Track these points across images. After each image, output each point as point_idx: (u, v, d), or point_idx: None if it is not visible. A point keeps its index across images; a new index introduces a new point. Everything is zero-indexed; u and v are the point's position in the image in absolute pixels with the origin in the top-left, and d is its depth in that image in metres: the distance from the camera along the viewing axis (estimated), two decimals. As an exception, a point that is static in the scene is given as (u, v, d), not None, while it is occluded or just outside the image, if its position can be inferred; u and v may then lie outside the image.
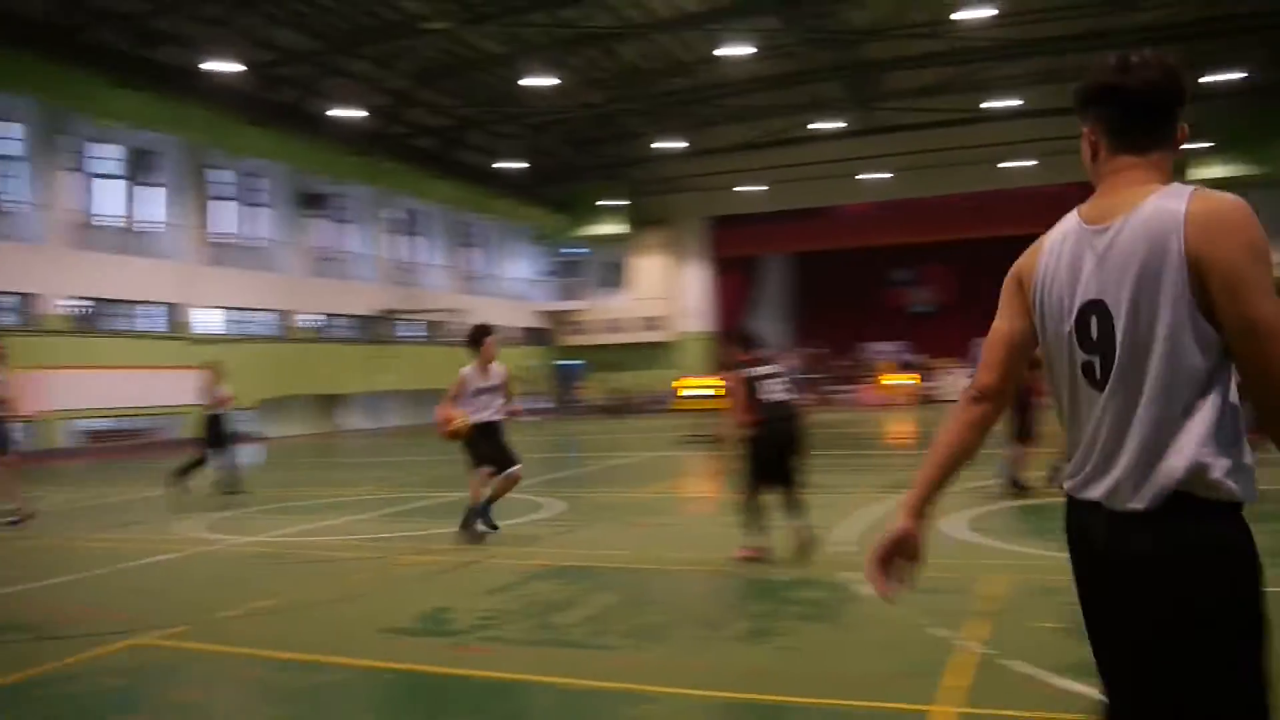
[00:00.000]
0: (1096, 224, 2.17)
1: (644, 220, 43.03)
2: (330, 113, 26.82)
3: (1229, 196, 2.04)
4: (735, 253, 43.50)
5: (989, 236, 40.95)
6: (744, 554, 7.67)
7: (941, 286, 44.96)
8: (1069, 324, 2.18)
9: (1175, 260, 1.99)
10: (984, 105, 34.22)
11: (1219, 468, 1.96)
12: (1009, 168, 37.73)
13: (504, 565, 7.97)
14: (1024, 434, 10.79)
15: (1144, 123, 2.21)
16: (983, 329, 2.51)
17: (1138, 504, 2.02)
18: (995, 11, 25.11)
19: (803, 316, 47.08)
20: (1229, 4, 27.42)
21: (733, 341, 8.37)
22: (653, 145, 36.16)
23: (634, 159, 39.83)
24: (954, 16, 26.59)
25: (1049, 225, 2.36)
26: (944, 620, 5.60)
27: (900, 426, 25.85)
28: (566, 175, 40.64)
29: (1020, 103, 33.27)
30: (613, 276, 45.05)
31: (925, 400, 36.55)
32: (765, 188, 40.02)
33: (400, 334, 36.19)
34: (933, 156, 37.43)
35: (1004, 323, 2.39)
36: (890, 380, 38.37)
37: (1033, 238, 2.42)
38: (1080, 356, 2.16)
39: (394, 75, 28.79)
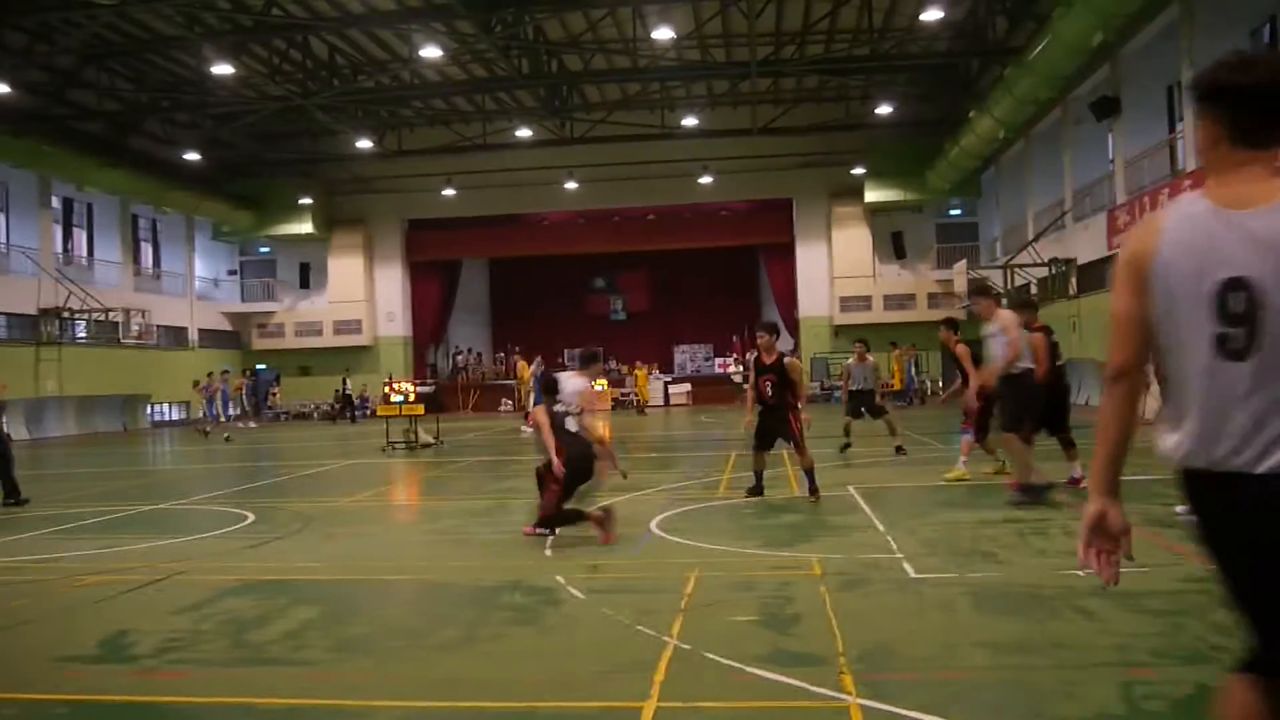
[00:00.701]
0: (1239, 208, 2.32)
1: (338, 220, 41.70)
2: (-24, 87, 24.12)
3: None
4: (434, 256, 42.99)
5: (680, 248, 43.02)
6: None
7: (638, 295, 46.51)
8: (1206, 296, 2.32)
9: None
10: (670, 123, 35.79)
11: None
12: (694, 183, 39.58)
13: (193, 582, 7.48)
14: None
15: (1264, 120, 2.38)
16: (677, 336, 2.60)
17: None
18: (673, 35, 26.36)
19: (502, 322, 47.35)
20: (889, 44, 30.08)
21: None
22: (347, 144, 35.18)
23: (327, 156, 38.48)
24: (641, 35, 27.73)
25: (734, 240, 2.48)
26: (650, 619, 5.79)
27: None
28: (252, 170, 38.71)
29: (696, 122, 35.00)
30: (307, 278, 43.28)
31: (623, 407, 37.57)
32: (463, 192, 39.88)
33: (67, 335, 32.85)
34: (627, 169, 38.68)
35: (1125, 302, 2.49)
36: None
37: (722, 251, 2.54)
38: (1216, 329, 2.32)
39: (57, 51, 26.30)
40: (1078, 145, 29.32)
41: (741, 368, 36.03)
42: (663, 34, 25.89)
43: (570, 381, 8.84)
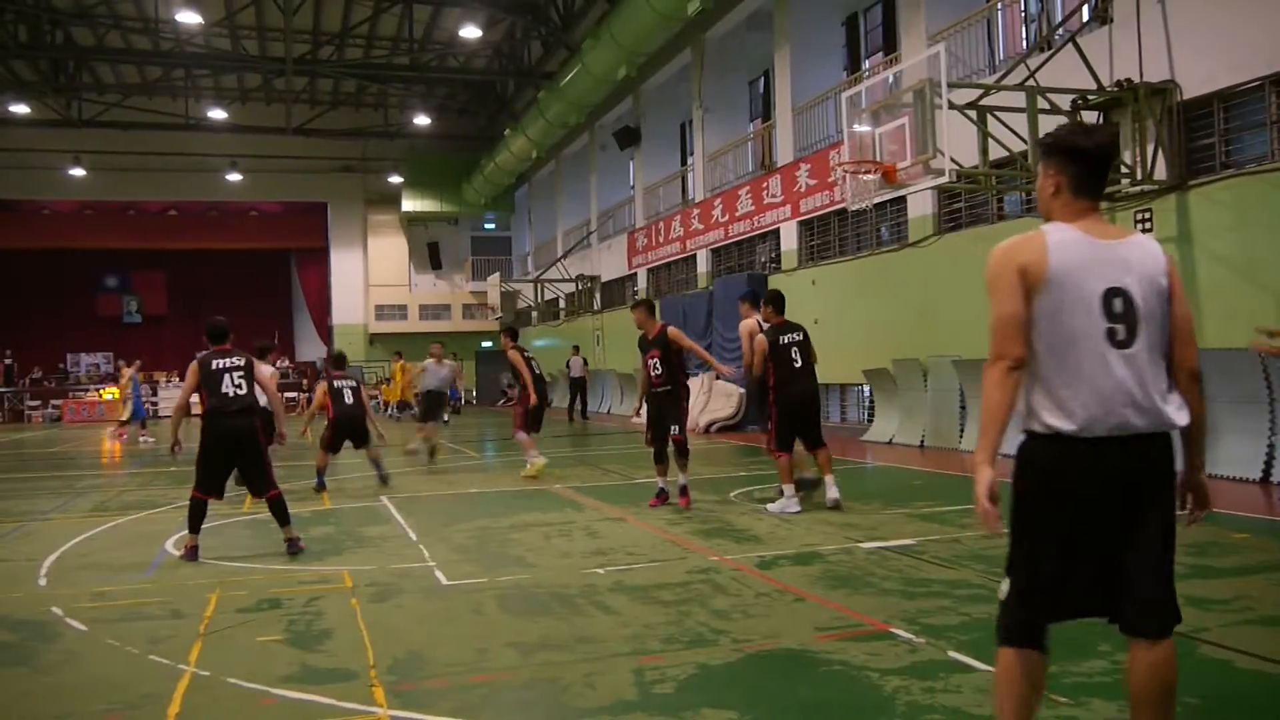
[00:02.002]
0: (1103, 239, 3.00)
1: None
2: None
3: None
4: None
5: (205, 248, 40.31)
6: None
7: (155, 296, 42.68)
8: (1096, 301, 2.93)
9: (1165, 273, 3.00)
10: (196, 114, 33.59)
11: (1177, 414, 3.01)
12: (221, 180, 37.41)
13: None
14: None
15: (1096, 175, 3.07)
16: (197, 341, 2.46)
17: (1163, 428, 2.96)
18: (200, 20, 24.80)
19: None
20: (429, 56, 30.33)
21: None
22: None
23: None
24: (165, 16, 25.75)
25: (265, 242, 2.41)
26: (166, 647, 5.34)
27: (109, 444, 24.05)
28: None
29: (225, 115, 33.20)
30: None
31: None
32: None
33: None
34: (145, 159, 35.70)
35: (1018, 306, 2.97)
36: (109, 394, 35.30)
37: (252, 253, 2.45)
38: (1106, 325, 2.92)
39: None
40: (603, 170, 31.35)
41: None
42: (189, 18, 24.14)
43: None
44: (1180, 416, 3.00)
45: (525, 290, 35.20)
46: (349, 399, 12.30)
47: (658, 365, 9.61)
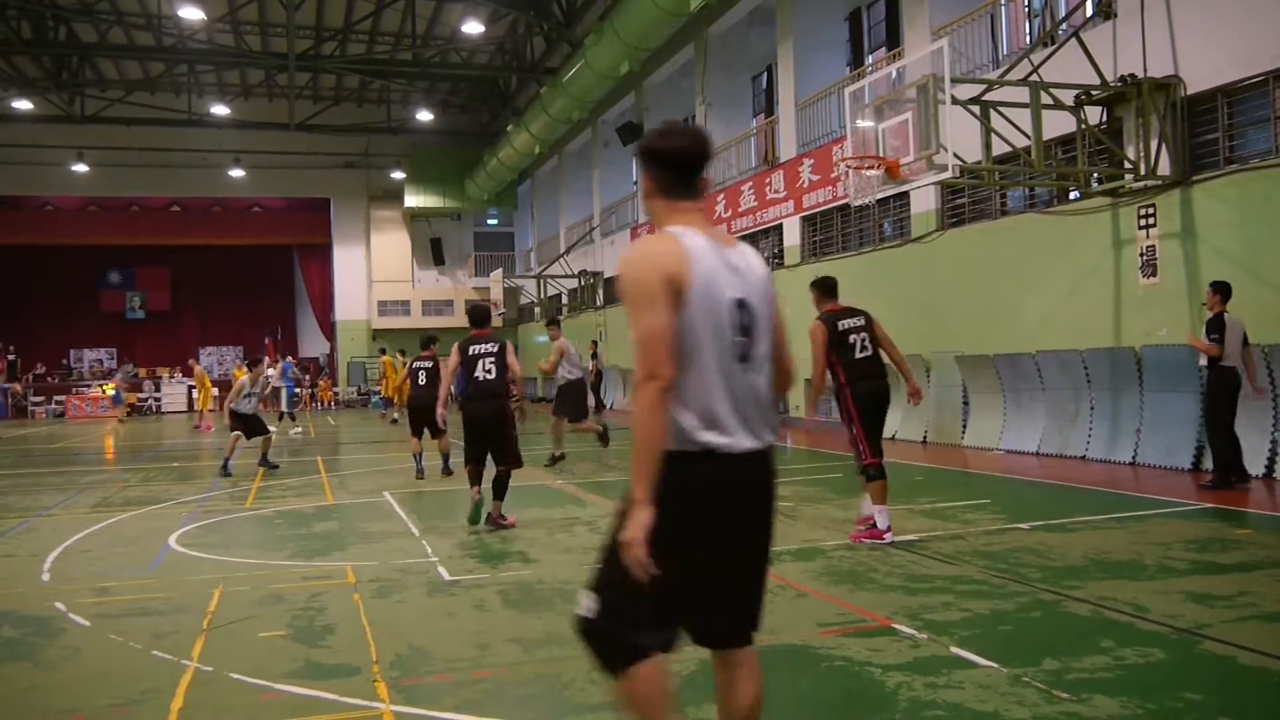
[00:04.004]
0: (723, 247, 2.86)
1: None
2: None
3: None
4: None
5: (208, 244, 40.29)
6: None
7: (159, 293, 42.60)
8: (725, 313, 2.76)
9: (770, 280, 2.96)
10: (199, 110, 33.58)
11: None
12: (224, 176, 37.42)
13: None
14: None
15: (680, 177, 2.94)
16: (203, 337, 2.46)
17: (772, 442, 2.87)
18: (203, 17, 24.79)
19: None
20: (432, 52, 30.32)
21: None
22: None
23: None
24: (167, 12, 25.75)
25: (268, 238, 2.40)
26: (169, 642, 5.35)
27: (112, 440, 24.10)
28: None
29: (227, 111, 33.19)
30: None
31: (143, 412, 34.57)
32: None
33: None
34: (148, 155, 35.71)
35: (668, 318, 2.68)
36: (111, 391, 35.38)
37: (255, 249, 2.44)
38: (733, 337, 2.77)
39: None
40: (606, 165, 31.31)
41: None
42: (191, 13, 24.12)
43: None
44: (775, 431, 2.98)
45: (528, 286, 35.19)
46: (422, 380, 12.69)
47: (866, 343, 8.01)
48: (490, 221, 42.81)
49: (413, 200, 38.55)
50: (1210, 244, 11.17)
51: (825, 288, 8.18)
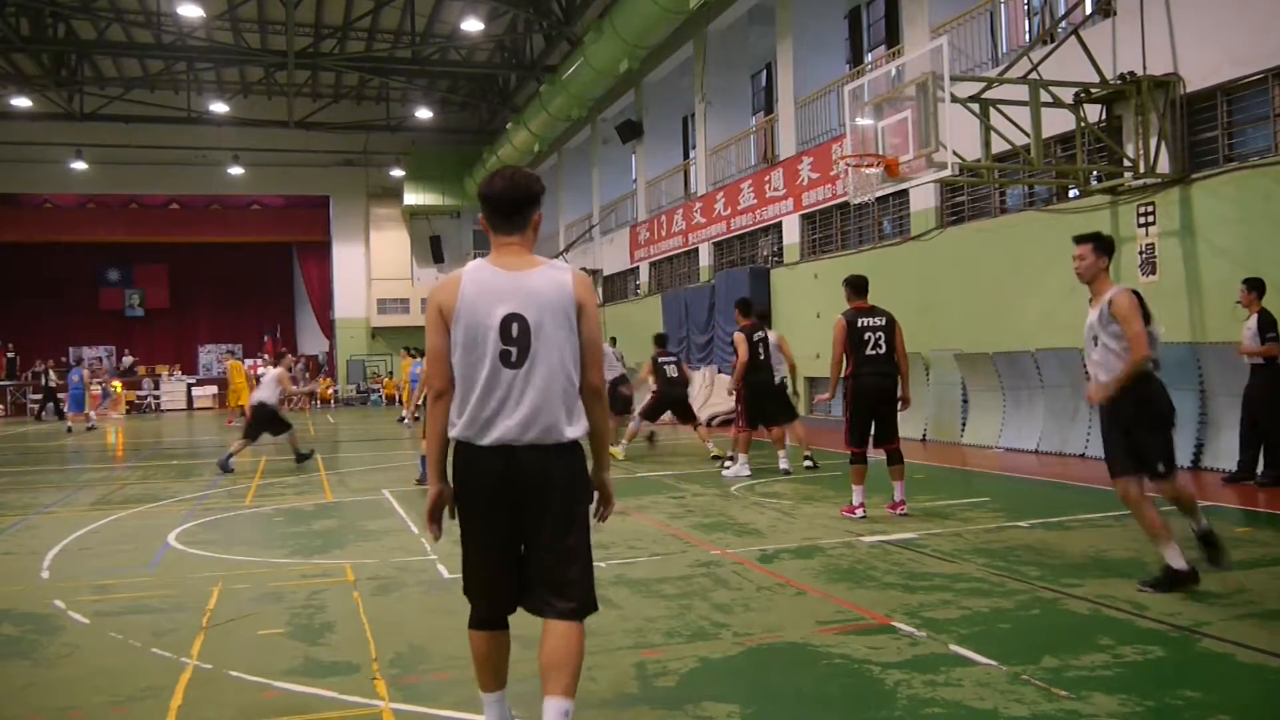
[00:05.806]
0: (512, 270, 3.39)
1: None
2: None
3: (585, 274, 3.55)
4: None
5: (207, 241, 40.25)
6: None
7: (157, 290, 42.53)
8: (494, 326, 3.31)
9: (568, 299, 3.38)
10: (198, 107, 33.54)
11: (571, 427, 3.39)
12: (223, 174, 37.38)
13: None
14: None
15: (500, 216, 3.46)
16: (201, 334, 2.47)
17: (548, 440, 3.34)
18: (202, 14, 24.76)
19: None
20: (431, 50, 30.28)
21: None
22: None
23: None
24: (166, 10, 25.71)
25: (266, 236, 2.43)
26: (168, 640, 5.35)
27: (114, 439, 24.09)
28: None
29: (226, 109, 33.16)
30: None
31: (142, 409, 34.51)
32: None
33: None
34: (147, 152, 35.68)
35: (440, 340, 3.39)
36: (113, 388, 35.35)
37: (253, 246, 2.47)
38: (500, 347, 3.31)
39: None
40: (605, 163, 31.30)
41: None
42: (190, 11, 24.09)
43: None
44: (573, 430, 3.39)
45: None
46: (671, 372, 14.17)
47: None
48: (489, 219, 42.72)
49: (412, 198, 38.53)
50: (1210, 242, 11.17)
51: (855, 286, 8.70)
